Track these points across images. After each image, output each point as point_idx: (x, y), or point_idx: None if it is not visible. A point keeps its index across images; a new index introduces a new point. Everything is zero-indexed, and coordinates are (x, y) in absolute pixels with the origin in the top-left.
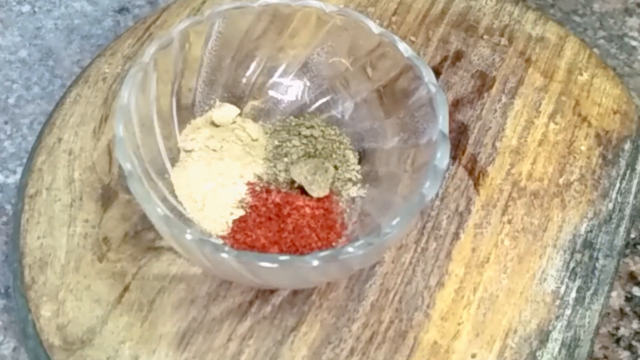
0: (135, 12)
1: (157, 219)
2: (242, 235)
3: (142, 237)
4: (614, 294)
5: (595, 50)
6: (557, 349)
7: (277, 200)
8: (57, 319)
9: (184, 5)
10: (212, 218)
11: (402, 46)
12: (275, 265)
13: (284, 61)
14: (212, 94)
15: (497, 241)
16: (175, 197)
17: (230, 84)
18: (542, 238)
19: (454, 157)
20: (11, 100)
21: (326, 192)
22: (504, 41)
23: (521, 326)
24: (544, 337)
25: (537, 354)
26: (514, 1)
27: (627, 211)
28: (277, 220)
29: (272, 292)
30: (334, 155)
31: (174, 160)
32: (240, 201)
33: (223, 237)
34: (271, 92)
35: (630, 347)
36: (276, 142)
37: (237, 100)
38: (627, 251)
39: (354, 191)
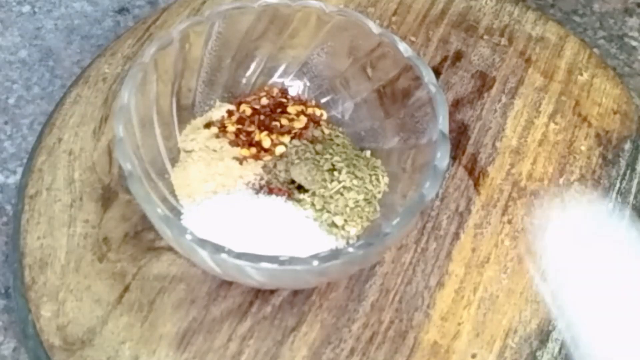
0: (135, 12)
1: (157, 219)
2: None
3: (142, 237)
4: None
5: (595, 50)
6: (557, 349)
7: (277, 198)
8: (57, 319)
9: (184, 5)
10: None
11: (402, 46)
12: (275, 265)
13: (284, 61)
14: (212, 94)
15: (497, 241)
16: (175, 197)
17: (230, 84)
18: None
19: (454, 157)
20: (11, 101)
21: None
22: (504, 41)
23: (521, 326)
24: (544, 337)
25: (537, 354)
26: (514, 1)
27: (627, 211)
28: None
29: (272, 292)
30: None
31: (174, 161)
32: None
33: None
34: None
35: None
36: None
37: (237, 100)
38: None
39: None
